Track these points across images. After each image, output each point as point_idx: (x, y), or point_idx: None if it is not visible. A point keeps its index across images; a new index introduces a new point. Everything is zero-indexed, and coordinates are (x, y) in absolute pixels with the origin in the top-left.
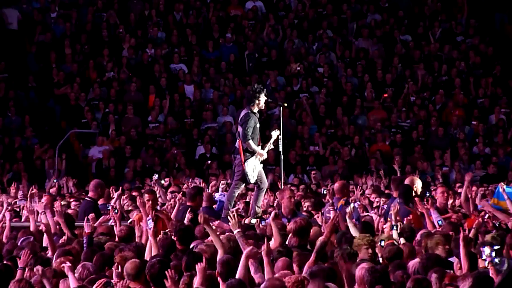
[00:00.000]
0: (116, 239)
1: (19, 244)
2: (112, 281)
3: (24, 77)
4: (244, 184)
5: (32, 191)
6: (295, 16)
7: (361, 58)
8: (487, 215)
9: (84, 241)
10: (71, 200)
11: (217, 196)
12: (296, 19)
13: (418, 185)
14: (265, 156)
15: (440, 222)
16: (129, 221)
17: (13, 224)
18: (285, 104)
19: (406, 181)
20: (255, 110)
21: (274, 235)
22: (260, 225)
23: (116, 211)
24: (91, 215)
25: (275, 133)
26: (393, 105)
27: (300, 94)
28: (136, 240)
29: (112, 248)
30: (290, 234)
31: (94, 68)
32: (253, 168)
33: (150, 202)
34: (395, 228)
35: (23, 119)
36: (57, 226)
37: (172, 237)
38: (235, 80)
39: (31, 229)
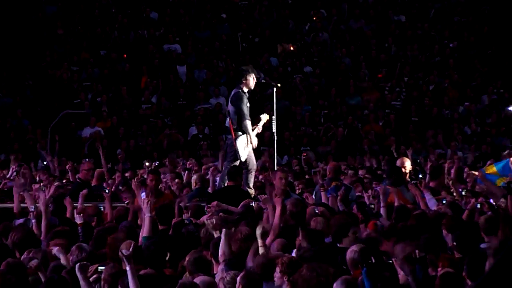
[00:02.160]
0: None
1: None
2: (102, 267)
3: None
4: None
5: (23, 170)
6: None
7: (355, 38)
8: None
9: (79, 231)
10: (64, 181)
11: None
12: None
13: (407, 165)
14: (255, 142)
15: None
16: (126, 202)
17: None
18: (279, 85)
19: (397, 163)
20: (245, 90)
21: (270, 217)
22: (253, 204)
23: (107, 191)
24: (82, 193)
25: (264, 117)
26: (386, 85)
27: (294, 74)
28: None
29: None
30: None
31: (87, 48)
32: (244, 145)
33: (154, 183)
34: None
35: (15, 100)
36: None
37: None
38: (228, 61)
39: (14, 210)
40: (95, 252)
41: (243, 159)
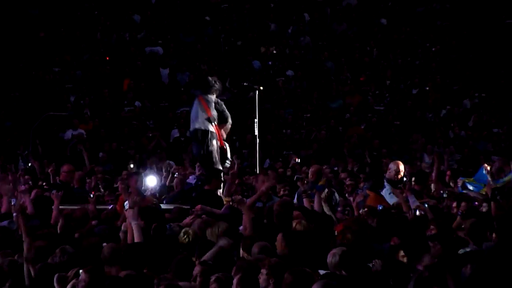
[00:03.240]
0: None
1: None
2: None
3: None
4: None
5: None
6: None
7: (338, 41)
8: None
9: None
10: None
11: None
12: (272, 2)
13: (402, 169)
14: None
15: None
16: (111, 206)
17: None
18: (261, 88)
19: (391, 165)
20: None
21: (244, 221)
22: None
23: (91, 195)
24: (58, 194)
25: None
26: (369, 89)
27: (276, 77)
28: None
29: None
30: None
31: (69, 50)
32: (216, 149)
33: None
34: None
35: None
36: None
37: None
38: (210, 63)
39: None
40: (78, 255)
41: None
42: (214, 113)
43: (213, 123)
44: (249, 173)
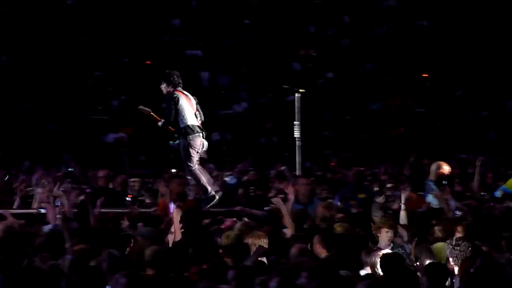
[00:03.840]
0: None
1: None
2: None
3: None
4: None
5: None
6: (311, 1)
7: (378, 43)
8: None
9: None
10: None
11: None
12: (312, 5)
13: (446, 168)
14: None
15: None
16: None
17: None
18: (301, 90)
19: (433, 166)
20: None
21: (286, 222)
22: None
23: (129, 198)
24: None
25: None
26: (409, 91)
27: (316, 79)
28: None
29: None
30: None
31: (110, 55)
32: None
33: (179, 188)
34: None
35: (38, 105)
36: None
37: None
38: (251, 67)
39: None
40: (126, 258)
41: None
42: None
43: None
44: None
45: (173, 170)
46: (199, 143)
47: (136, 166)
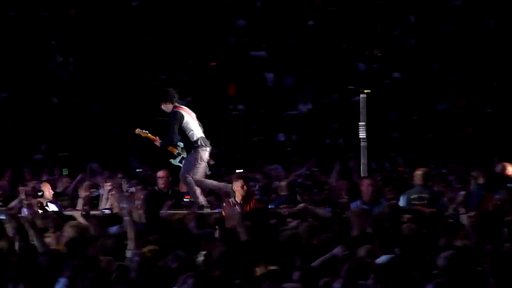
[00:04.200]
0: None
1: None
2: None
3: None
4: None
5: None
6: (376, 1)
7: (444, 43)
8: None
9: None
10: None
11: None
12: (377, 5)
13: (510, 170)
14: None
15: None
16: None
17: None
18: (366, 91)
19: (498, 168)
20: None
21: (353, 222)
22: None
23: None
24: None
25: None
26: (476, 91)
27: (382, 80)
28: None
29: None
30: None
31: (174, 56)
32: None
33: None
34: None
35: (104, 107)
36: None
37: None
38: (315, 67)
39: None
40: (190, 260)
41: None
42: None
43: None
44: None
45: (239, 171)
46: (207, 156)
47: None
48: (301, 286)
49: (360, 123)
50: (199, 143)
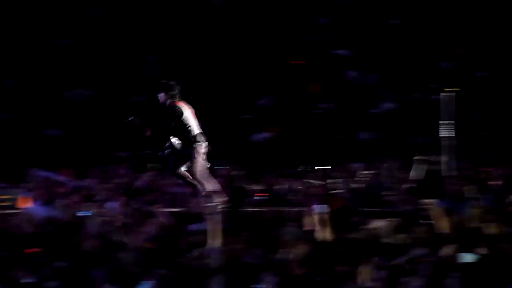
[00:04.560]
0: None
1: None
2: None
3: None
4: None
5: None
6: None
7: None
8: None
9: None
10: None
11: None
12: (461, 2)
13: None
14: None
15: None
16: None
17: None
18: (448, 89)
19: None
20: None
21: (437, 221)
22: None
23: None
24: None
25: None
26: None
27: (467, 79)
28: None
29: None
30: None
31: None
32: None
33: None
34: None
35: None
36: None
37: None
38: (397, 66)
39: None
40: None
41: None
42: None
43: None
44: None
45: (323, 167)
46: (205, 151)
47: (282, 166)
48: (384, 285)
49: (440, 122)
50: (197, 138)
